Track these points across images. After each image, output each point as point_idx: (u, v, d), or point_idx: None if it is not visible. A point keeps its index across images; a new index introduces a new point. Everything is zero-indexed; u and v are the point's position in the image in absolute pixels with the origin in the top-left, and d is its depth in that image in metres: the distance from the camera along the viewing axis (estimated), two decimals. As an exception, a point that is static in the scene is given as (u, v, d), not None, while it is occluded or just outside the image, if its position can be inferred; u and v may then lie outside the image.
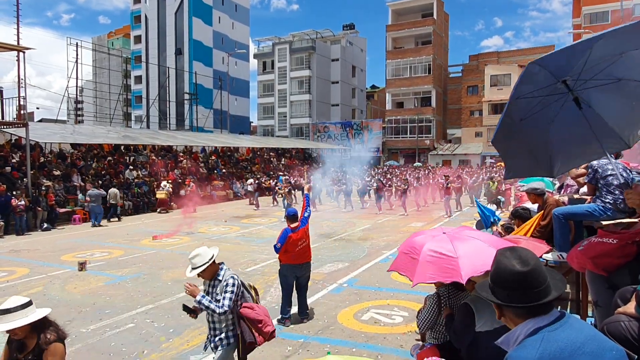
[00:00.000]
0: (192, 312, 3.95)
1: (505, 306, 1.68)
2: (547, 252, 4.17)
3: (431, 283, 3.18)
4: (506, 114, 2.89)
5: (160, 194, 21.36)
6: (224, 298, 3.72)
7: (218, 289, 3.81)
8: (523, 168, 3.51)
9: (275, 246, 6.44)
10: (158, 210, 21.08)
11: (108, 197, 18.48)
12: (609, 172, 3.96)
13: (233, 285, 3.78)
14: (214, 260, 3.87)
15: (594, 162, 4.00)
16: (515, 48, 78.51)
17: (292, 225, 6.45)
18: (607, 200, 4.02)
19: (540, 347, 1.51)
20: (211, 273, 3.87)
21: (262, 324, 3.87)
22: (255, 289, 4.27)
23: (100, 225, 17.03)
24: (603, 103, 2.84)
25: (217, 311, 3.67)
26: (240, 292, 3.92)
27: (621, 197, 3.85)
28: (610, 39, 2.41)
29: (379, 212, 19.23)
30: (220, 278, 3.86)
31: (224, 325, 3.87)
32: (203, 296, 3.77)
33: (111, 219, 18.30)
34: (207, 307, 3.71)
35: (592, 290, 3.23)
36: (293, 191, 21.25)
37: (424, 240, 3.31)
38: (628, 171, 4.01)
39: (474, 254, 3.07)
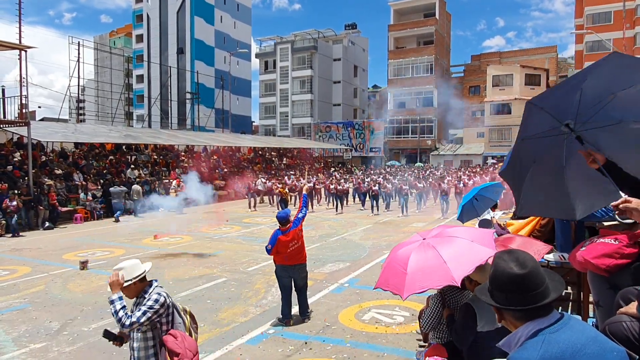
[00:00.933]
0: (116, 338, 3.27)
1: (504, 309, 1.68)
2: (549, 253, 4.17)
3: (422, 292, 3.14)
4: (514, 155, 2.90)
5: (172, 194, 21.31)
6: (138, 310, 3.10)
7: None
8: (539, 207, 3.45)
9: (266, 248, 6.41)
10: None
11: (132, 193, 19.51)
12: None
13: (155, 301, 3.13)
14: (143, 278, 3.25)
15: None
16: (517, 48, 78.54)
17: (283, 227, 6.40)
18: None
19: (542, 348, 1.51)
20: (136, 292, 3.25)
21: (178, 358, 3.14)
22: (191, 315, 3.61)
23: (118, 221, 17.62)
24: (612, 145, 2.78)
25: (123, 321, 3.05)
26: (169, 315, 3.26)
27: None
28: (595, 77, 2.46)
29: (372, 214, 19.04)
30: (146, 295, 3.21)
31: (143, 353, 3.21)
32: (120, 297, 3.14)
33: (137, 214, 19.12)
34: (116, 313, 3.08)
35: (593, 291, 3.23)
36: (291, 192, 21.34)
37: (407, 252, 3.28)
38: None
39: (460, 254, 3.08)
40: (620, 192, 2.75)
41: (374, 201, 19.54)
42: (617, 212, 2.54)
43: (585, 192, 3.01)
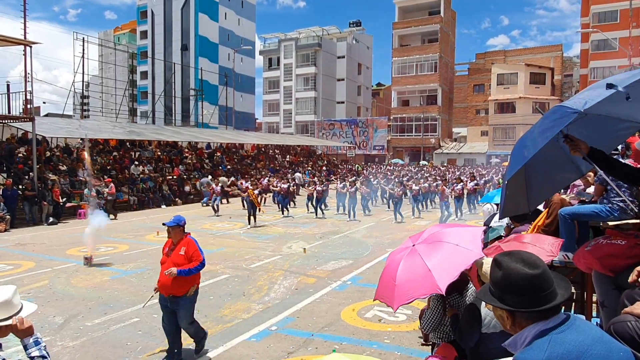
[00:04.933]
0: None
1: (520, 312, 1.63)
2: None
3: (410, 302, 3.19)
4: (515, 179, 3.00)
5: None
6: None
7: None
8: (549, 188, 3.56)
9: (203, 262, 5.14)
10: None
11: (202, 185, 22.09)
12: None
13: None
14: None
15: None
16: (522, 47, 78.33)
17: (169, 239, 5.23)
18: (615, 202, 3.99)
19: (548, 349, 1.50)
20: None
21: None
22: None
23: (207, 205, 19.87)
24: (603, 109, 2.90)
25: None
26: None
27: (630, 198, 3.82)
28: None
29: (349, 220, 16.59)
30: None
31: None
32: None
33: (222, 201, 20.61)
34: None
35: (598, 291, 3.22)
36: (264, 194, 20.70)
37: (396, 262, 3.34)
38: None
39: (445, 261, 3.11)
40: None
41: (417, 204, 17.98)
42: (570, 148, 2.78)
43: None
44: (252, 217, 15.36)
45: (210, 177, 23.45)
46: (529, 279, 1.62)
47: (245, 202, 17.56)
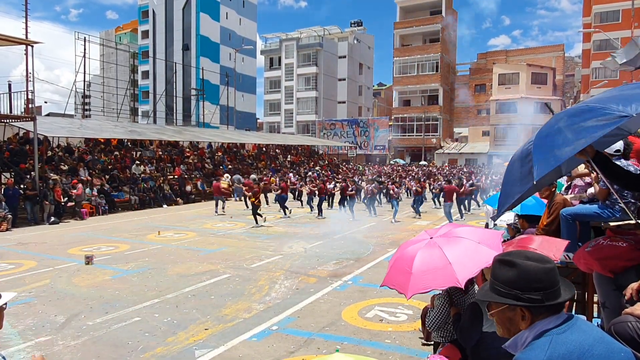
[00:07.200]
0: None
1: (538, 308, 1.59)
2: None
3: (426, 292, 3.15)
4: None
5: (223, 183, 21.57)
6: None
7: None
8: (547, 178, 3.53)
9: None
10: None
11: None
12: None
13: None
14: None
15: None
16: (523, 47, 78.23)
17: None
18: (617, 203, 3.98)
19: (549, 349, 1.50)
20: None
21: None
22: None
23: (240, 200, 21.88)
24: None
25: None
26: None
27: (632, 200, 3.82)
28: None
29: (353, 219, 16.57)
30: None
31: None
32: None
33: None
34: None
35: (599, 292, 3.21)
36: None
37: (413, 251, 3.29)
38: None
39: (465, 256, 3.08)
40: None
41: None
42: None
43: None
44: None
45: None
46: (548, 272, 1.62)
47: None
